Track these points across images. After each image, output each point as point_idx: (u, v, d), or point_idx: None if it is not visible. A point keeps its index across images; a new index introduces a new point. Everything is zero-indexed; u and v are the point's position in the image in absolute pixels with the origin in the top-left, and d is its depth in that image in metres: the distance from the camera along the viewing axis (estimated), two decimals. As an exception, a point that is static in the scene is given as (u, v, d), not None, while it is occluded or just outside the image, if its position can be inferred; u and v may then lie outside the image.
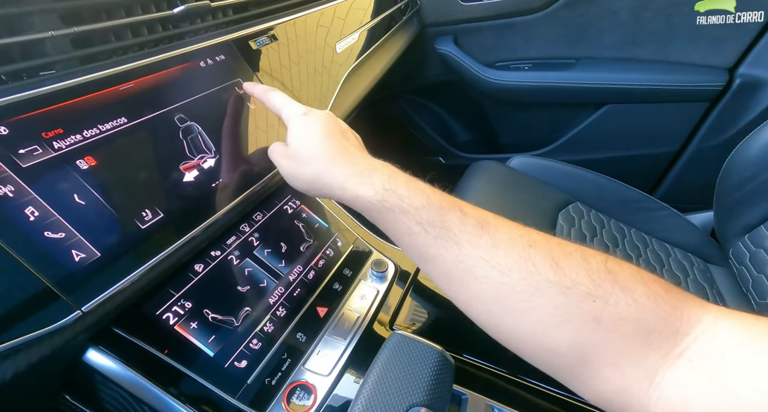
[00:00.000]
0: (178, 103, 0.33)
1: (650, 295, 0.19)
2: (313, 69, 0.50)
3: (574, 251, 0.21)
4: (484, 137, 1.07)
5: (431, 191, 0.25)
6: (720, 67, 0.78)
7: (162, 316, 0.29)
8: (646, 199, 0.80)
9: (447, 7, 0.88)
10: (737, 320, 0.19)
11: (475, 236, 0.22)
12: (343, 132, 0.31)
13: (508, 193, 0.75)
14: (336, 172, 0.27)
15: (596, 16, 0.83)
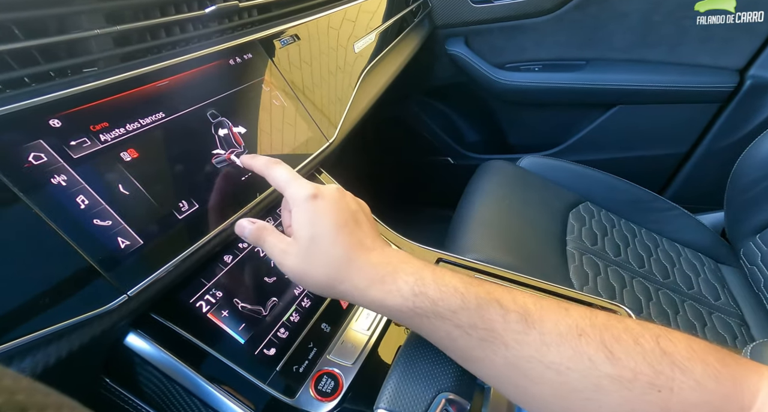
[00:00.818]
0: (209, 99, 0.35)
1: (710, 373, 0.19)
2: (333, 68, 0.51)
3: (624, 334, 0.21)
4: (494, 138, 1.08)
5: (464, 287, 0.23)
6: (730, 68, 0.79)
7: (195, 304, 0.30)
8: (656, 199, 0.80)
9: (458, 9, 0.89)
10: None
11: (521, 333, 0.21)
12: (355, 216, 0.27)
13: (518, 193, 0.76)
14: (355, 280, 0.24)
15: (606, 18, 0.84)
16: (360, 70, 0.57)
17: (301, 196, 0.26)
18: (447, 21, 0.91)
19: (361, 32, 0.60)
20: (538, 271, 0.59)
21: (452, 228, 0.70)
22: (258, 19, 0.44)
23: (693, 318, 0.59)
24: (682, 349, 0.20)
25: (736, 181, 0.67)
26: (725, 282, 0.69)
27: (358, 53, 0.57)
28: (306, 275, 0.25)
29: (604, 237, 0.72)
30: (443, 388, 0.27)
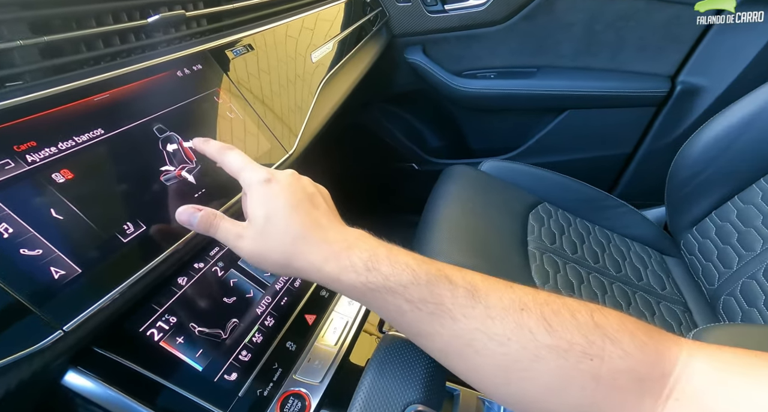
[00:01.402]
0: (155, 113, 0.33)
1: (637, 343, 0.21)
2: (291, 78, 0.51)
3: (562, 308, 0.22)
4: (456, 143, 1.11)
5: (416, 264, 0.24)
6: (663, 75, 0.86)
7: (146, 332, 0.28)
8: (607, 197, 0.85)
9: (415, 19, 0.91)
10: (707, 356, 0.20)
11: (468, 306, 0.22)
12: (312, 198, 0.27)
13: (481, 197, 0.78)
14: (310, 255, 0.25)
15: (553, 28, 0.89)
16: (319, 79, 0.57)
17: (256, 180, 0.27)
18: (405, 30, 0.93)
19: (319, 41, 0.59)
20: (502, 272, 0.61)
21: (419, 233, 0.70)
22: (208, 28, 0.42)
23: (643, 308, 0.63)
24: (613, 323, 0.21)
25: (673, 178, 0.73)
26: (670, 272, 0.74)
27: (317, 62, 0.57)
28: (263, 256, 0.26)
29: (561, 236, 0.75)
30: (412, 400, 0.27)
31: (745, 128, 0.64)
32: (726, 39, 0.78)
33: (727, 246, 0.65)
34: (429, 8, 0.90)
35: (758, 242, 0.60)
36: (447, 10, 0.90)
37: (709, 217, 0.71)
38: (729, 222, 0.66)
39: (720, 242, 0.67)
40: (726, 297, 0.61)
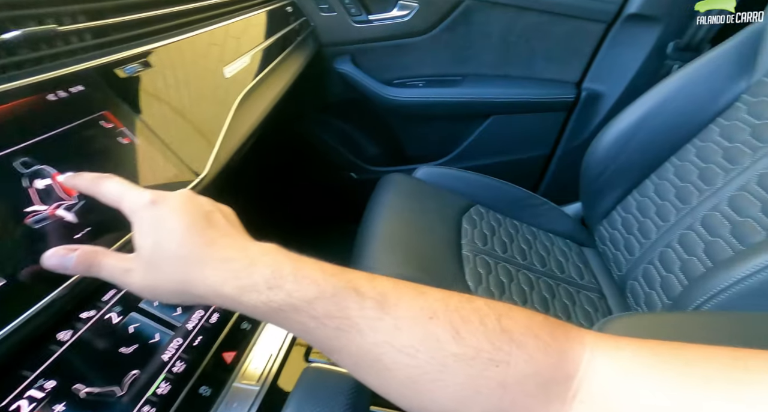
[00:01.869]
0: (18, 145, 0.28)
1: (541, 346, 0.21)
2: (200, 96, 0.47)
3: (472, 314, 0.22)
4: (393, 150, 1.12)
5: (322, 276, 0.22)
6: (570, 82, 0.94)
7: (9, 408, 0.24)
8: (531, 196, 0.91)
9: (341, 29, 0.91)
10: (608, 353, 0.21)
11: (375, 319, 0.21)
12: (208, 216, 0.25)
13: (416, 204, 0.80)
14: (208, 279, 0.23)
15: (473, 38, 0.93)
16: (236, 94, 0.54)
17: (139, 204, 0.24)
18: (332, 40, 0.92)
19: (233, 55, 0.56)
20: (438, 279, 0.62)
21: (356, 247, 0.70)
22: (92, 44, 0.38)
23: (566, 299, 0.68)
24: (520, 326, 0.21)
25: (584, 176, 0.80)
26: (588, 263, 0.81)
27: (232, 77, 0.54)
28: (156, 288, 0.24)
29: (493, 236, 0.79)
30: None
31: (636, 130, 0.72)
32: (616, 51, 0.87)
33: (631, 236, 0.72)
34: (354, 18, 0.90)
35: (653, 230, 0.68)
36: (372, 21, 0.91)
37: (615, 210, 0.78)
38: (631, 213, 0.74)
39: (625, 232, 0.74)
40: (631, 282, 0.68)
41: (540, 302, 0.66)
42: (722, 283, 0.42)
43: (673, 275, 0.60)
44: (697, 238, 0.59)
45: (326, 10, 0.88)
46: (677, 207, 0.65)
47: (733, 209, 0.56)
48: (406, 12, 0.89)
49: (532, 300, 0.66)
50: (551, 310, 0.65)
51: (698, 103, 0.67)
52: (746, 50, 0.64)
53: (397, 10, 0.89)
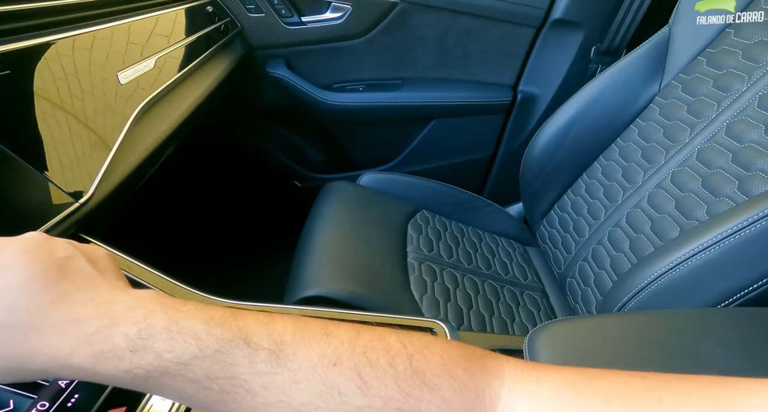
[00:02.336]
0: None
1: (455, 387, 0.19)
2: (84, 107, 0.41)
3: (381, 355, 0.20)
4: (337, 157, 1.09)
5: (205, 328, 0.19)
6: (506, 85, 0.97)
7: None
8: (476, 199, 0.92)
9: (272, 31, 0.86)
10: (526, 392, 0.20)
11: (270, 374, 0.19)
12: (61, 265, 0.21)
13: (359, 211, 0.77)
14: (50, 348, 0.18)
15: (410, 41, 0.92)
16: (136, 102, 0.48)
17: None
18: (263, 42, 0.87)
19: (133, 58, 0.50)
20: (381, 292, 0.60)
21: (294, 263, 0.66)
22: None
23: (510, 301, 0.69)
24: (434, 365, 0.20)
25: (523, 177, 0.82)
26: (531, 262, 0.83)
27: (129, 84, 0.47)
28: None
29: (438, 242, 0.78)
30: None
31: (567, 131, 0.74)
32: (546, 55, 0.91)
33: (567, 234, 0.75)
34: (285, 20, 0.85)
35: (586, 228, 0.70)
36: (305, 23, 0.87)
37: (553, 209, 0.81)
38: (566, 212, 0.77)
39: (562, 231, 0.77)
40: (570, 279, 0.70)
41: (485, 306, 0.66)
42: (643, 280, 0.43)
43: (604, 272, 0.62)
44: (623, 235, 0.62)
45: (254, 10, 0.83)
46: (605, 205, 0.68)
47: (652, 206, 0.59)
48: (339, 14, 0.86)
49: (477, 305, 0.66)
50: (496, 313, 0.65)
51: (619, 105, 0.71)
52: (656, 56, 0.68)
53: (330, 12, 0.86)
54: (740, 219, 0.37)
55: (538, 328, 0.39)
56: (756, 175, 0.46)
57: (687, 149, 0.58)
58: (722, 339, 0.30)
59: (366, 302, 0.56)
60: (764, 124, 0.48)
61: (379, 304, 0.57)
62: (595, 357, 0.32)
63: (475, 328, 0.61)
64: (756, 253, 0.36)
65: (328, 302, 0.55)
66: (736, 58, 0.57)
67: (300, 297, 0.55)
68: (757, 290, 0.37)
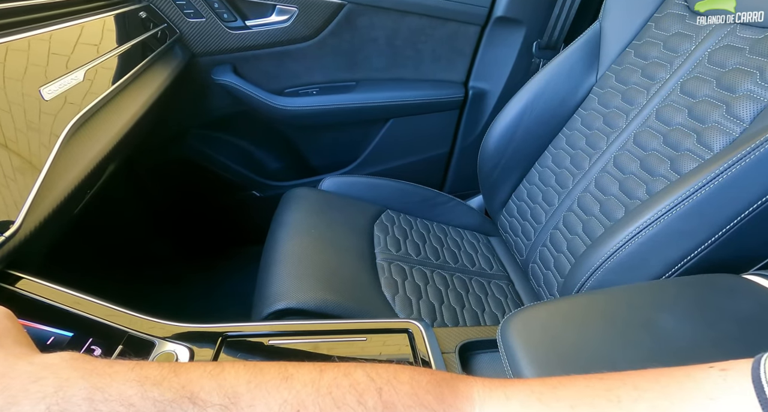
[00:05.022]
0: None
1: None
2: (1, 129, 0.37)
3: (348, 393, 0.19)
4: (296, 163, 1.06)
5: (139, 391, 0.17)
6: (458, 82, 0.99)
7: None
8: (438, 195, 0.94)
9: (215, 36, 0.82)
10: (496, 408, 0.20)
11: None
12: None
13: (323, 217, 0.76)
14: None
15: (360, 42, 0.92)
16: (65, 120, 0.43)
17: None
18: (206, 48, 0.83)
19: (58, 71, 0.45)
20: (352, 297, 0.59)
21: (259, 276, 0.63)
22: None
23: (479, 292, 0.71)
24: (404, 396, 0.20)
25: (480, 171, 0.84)
26: (495, 252, 0.86)
27: (55, 100, 0.43)
28: None
29: (405, 240, 0.79)
30: None
31: (518, 123, 0.77)
32: (492, 51, 0.94)
33: (526, 222, 0.78)
34: (228, 25, 0.82)
35: (542, 214, 0.74)
36: (250, 27, 0.84)
37: (511, 199, 0.84)
38: (524, 201, 0.80)
39: (521, 219, 0.80)
40: (532, 265, 0.73)
41: (455, 299, 0.67)
42: (597, 260, 0.46)
43: (562, 255, 0.66)
44: (577, 218, 0.65)
45: (193, 15, 0.78)
46: (558, 191, 0.72)
47: (599, 189, 0.63)
48: (285, 17, 0.84)
49: (449, 299, 0.67)
50: (467, 305, 0.67)
51: (562, 96, 0.75)
52: (590, 49, 0.73)
53: (275, 15, 0.84)
54: (675, 196, 0.41)
55: (508, 318, 0.40)
56: (684, 154, 0.51)
57: (624, 134, 0.63)
58: (671, 308, 0.33)
59: (338, 309, 0.55)
60: (686, 108, 0.53)
61: (352, 309, 0.56)
62: (564, 339, 0.34)
63: (448, 322, 0.62)
64: (690, 225, 0.39)
65: (299, 314, 0.54)
66: (658, 49, 0.62)
67: (269, 312, 0.53)
68: (694, 259, 0.40)
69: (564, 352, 0.32)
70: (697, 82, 0.53)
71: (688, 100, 0.54)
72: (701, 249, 0.40)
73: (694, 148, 0.50)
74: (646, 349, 0.30)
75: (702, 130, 0.50)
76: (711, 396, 0.16)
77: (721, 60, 0.51)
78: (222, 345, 0.36)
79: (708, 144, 0.48)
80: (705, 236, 0.39)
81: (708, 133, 0.48)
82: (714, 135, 0.47)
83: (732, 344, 0.29)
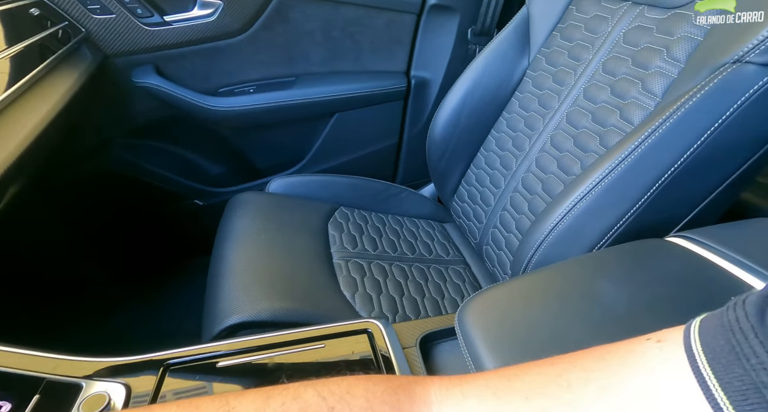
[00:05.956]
0: None
1: None
2: None
3: None
4: (240, 166, 1.00)
5: None
6: (399, 72, 0.99)
7: None
8: (390, 186, 0.93)
9: (129, 34, 0.74)
10: (453, 407, 0.20)
11: None
12: None
13: (273, 221, 0.72)
14: None
15: (295, 36, 0.88)
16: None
17: None
18: (120, 48, 0.75)
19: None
20: (310, 301, 0.57)
21: (207, 291, 0.59)
22: None
23: (438, 279, 0.72)
24: (360, 409, 0.19)
25: (429, 159, 0.85)
26: (450, 237, 0.87)
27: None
28: None
29: (362, 236, 0.78)
30: None
31: (460, 110, 0.78)
32: (430, 39, 0.95)
33: (477, 205, 0.80)
34: (143, 21, 0.74)
35: (491, 197, 0.76)
36: (169, 22, 0.77)
37: (461, 185, 0.86)
38: (473, 186, 0.82)
39: (472, 203, 0.82)
40: (485, 247, 0.76)
41: (416, 290, 0.68)
42: (540, 236, 0.48)
43: (512, 234, 0.68)
44: (522, 198, 0.68)
45: (99, 11, 0.70)
46: (503, 174, 0.74)
47: (540, 168, 0.66)
48: (210, 11, 0.78)
49: (409, 290, 0.67)
50: (427, 294, 0.68)
51: (499, 81, 0.77)
52: (521, 33, 0.75)
53: (198, 9, 0.78)
54: (601, 170, 0.43)
55: (463, 306, 0.41)
56: (610, 130, 0.54)
57: (558, 114, 0.66)
58: (609, 276, 0.35)
59: (296, 316, 0.53)
60: (609, 86, 0.57)
61: (310, 314, 0.54)
62: (517, 320, 0.35)
63: (410, 314, 0.63)
64: (616, 195, 0.42)
65: (253, 326, 0.51)
66: (580, 31, 0.65)
67: (220, 329, 0.50)
68: (624, 225, 0.43)
69: (519, 334, 0.33)
70: (616, 62, 0.57)
71: (610, 78, 0.57)
72: (628, 216, 0.43)
73: (618, 124, 0.53)
74: (592, 318, 0.32)
75: (623, 106, 0.53)
76: (651, 369, 0.17)
77: (634, 39, 0.55)
78: (164, 375, 0.33)
79: (629, 119, 0.51)
80: (630, 203, 0.42)
81: (628, 108, 0.52)
82: (633, 110, 0.51)
83: (664, 304, 0.31)
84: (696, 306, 0.32)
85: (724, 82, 0.35)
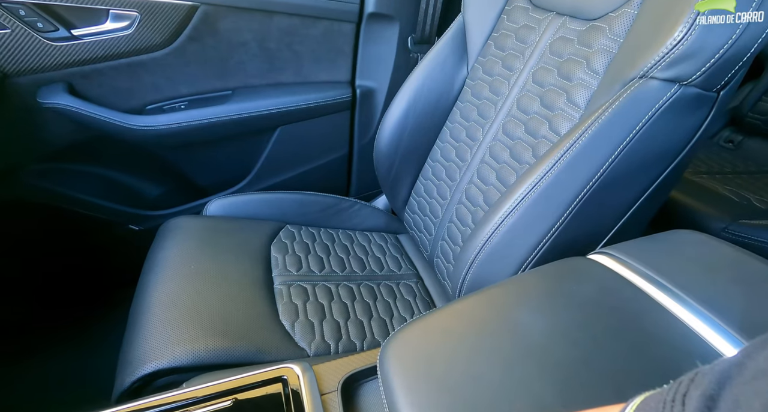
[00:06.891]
0: None
1: None
2: None
3: None
4: (180, 187, 0.94)
5: None
6: (344, 81, 0.96)
7: None
8: (341, 200, 0.90)
9: (31, 51, 0.67)
10: None
11: None
12: None
13: (208, 247, 0.67)
14: None
15: (228, 48, 0.83)
16: None
17: None
18: (21, 67, 0.68)
19: None
20: (243, 336, 0.53)
21: (126, 332, 0.53)
22: None
23: (388, 297, 0.69)
24: None
25: (378, 171, 0.82)
26: (404, 250, 0.85)
27: None
28: None
29: (308, 256, 0.74)
30: None
31: (405, 121, 0.76)
32: (371, 48, 0.92)
33: (426, 217, 0.78)
34: (46, 36, 0.67)
35: (438, 209, 0.74)
36: (78, 37, 0.70)
37: (411, 196, 0.84)
38: (422, 197, 0.80)
39: (422, 214, 0.80)
40: (436, 259, 0.74)
41: (362, 311, 0.65)
42: (470, 255, 0.46)
43: (458, 247, 0.67)
44: (466, 210, 0.67)
45: (-8, 27, 0.63)
46: (449, 185, 0.73)
47: (481, 180, 0.65)
48: (125, 23, 0.72)
49: (355, 313, 0.64)
50: (374, 315, 0.65)
51: (441, 90, 0.76)
52: (458, 42, 0.74)
53: (111, 21, 0.71)
54: (527, 184, 0.42)
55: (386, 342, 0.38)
56: (541, 141, 0.53)
57: (495, 124, 0.65)
58: (529, 303, 0.33)
59: (224, 356, 0.49)
60: (539, 96, 0.56)
61: (241, 353, 0.50)
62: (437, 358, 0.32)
63: (354, 338, 0.60)
64: (541, 210, 0.41)
65: (174, 373, 0.46)
66: (512, 40, 0.65)
67: (133, 380, 0.45)
68: (550, 240, 0.42)
69: (436, 373, 0.31)
70: (544, 72, 0.56)
71: (539, 89, 0.57)
72: (554, 230, 0.42)
73: (547, 135, 0.52)
74: (508, 352, 0.30)
75: (552, 117, 0.52)
76: None
77: (558, 50, 0.54)
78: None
79: (557, 130, 0.51)
80: (554, 218, 0.41)
81: (556, 120, 0.51)
82: (560, 122, 0.50)
83: (578, 331, 0.30)
84: (608, 332, 0.31)
85: (633, 97, 0.35)
